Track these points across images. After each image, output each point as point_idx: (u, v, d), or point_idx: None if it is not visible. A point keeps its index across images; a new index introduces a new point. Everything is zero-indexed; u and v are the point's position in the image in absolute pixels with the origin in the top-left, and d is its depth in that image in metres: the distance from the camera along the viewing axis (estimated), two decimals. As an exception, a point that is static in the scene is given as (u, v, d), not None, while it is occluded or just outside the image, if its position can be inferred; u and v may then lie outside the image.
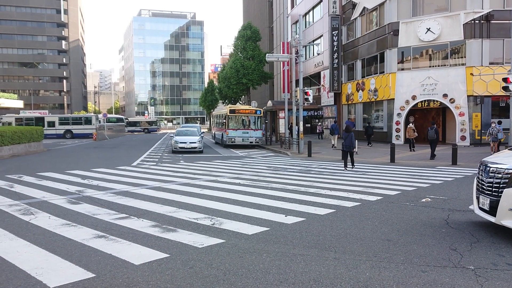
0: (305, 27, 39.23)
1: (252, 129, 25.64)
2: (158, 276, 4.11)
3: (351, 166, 14.11)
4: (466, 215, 6.82)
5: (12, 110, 55.50)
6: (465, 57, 23.80)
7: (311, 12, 38.42)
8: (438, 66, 24.90)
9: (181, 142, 21.56)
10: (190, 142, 21.56)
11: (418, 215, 6.82)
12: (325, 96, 35.57)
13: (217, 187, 10.02)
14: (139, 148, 26.39)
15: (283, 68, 28.95)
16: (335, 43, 32.59)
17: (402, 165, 15.06)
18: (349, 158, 14.21)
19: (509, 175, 5.30)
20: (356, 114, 31.59)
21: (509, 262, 4.55)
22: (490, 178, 5.59)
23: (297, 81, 25.37)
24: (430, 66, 25.20)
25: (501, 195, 5.32)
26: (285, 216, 6.75)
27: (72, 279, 4.03)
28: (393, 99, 26.09)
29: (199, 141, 21.97)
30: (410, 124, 20.29)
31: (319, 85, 36.55)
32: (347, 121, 27.18)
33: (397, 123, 26.05)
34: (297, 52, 24.07)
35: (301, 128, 21.90)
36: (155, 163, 16.36)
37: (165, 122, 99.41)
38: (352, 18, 30.88)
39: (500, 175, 5.42)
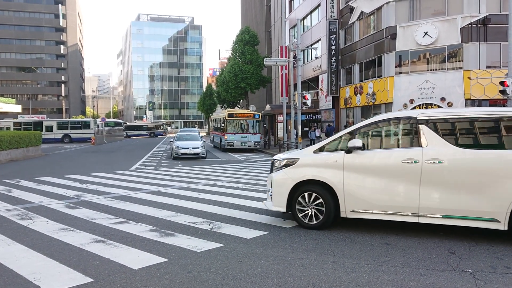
0: (303, 31, 39.36)
1: (250, 133, 25.66)
2: (156, 280, 4.10)
3: None
4: (465, 218, 6.83)
5: (10, 115, 55.48)
6: (462, 60, 23.91)
7: (309, 16, 38.57)
8: (436, 70, 25.00)
9: (182, 148, 20.15)
10: (192, 148, 20.23)
11: (417, 219, 6.82)
12: (323, 100, 35.64)
13: (215, 191, 10.01)
14: (138, 152, 26.36)
15: (281, 72, 29.03)
16: (333, 47, 32.70)
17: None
18: None
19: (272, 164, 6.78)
20: (354, 118, 31.64)
21: (508, 265, 4.56)
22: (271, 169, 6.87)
23: (295, 85, 25.44)
24: (427, 70, 25.30)
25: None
26: (284, 220, 6.74)
27: (70, 284, 4.02)
28: (391, 102, 26.15)
29: (202, 146, 20.73)
30: None
31: (317, 89, 36.64)
32: (332, 126, 27.43)
33: (395, 126, 26.08)
34: (295, 56, 24.17)
35: (299, 132, 21.96)
36: (153, 167, 16.35)
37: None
38: (350, 22, 31.01)
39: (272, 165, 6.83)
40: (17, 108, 56.70)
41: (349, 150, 5.91)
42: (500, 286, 3.94)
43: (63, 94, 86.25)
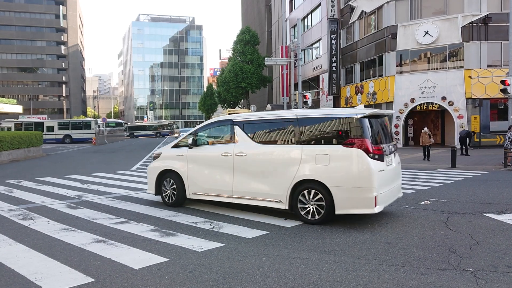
0: (304, 30, 39.35)
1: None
2: (157, 280, 4.10)
3: None
4: (466, 217, 6.83)
5: (11, 115, 55.57)
6: (463, 59, 23.89)
7: (309, 16, 38.56)
8: (437, 69, 24.99)
9: None
10: None
11: (418, 218, 6.82)
12: (324, 100, 35.63)
13: (216, 191, 9.99)
14: (138, 152, 26.37)
15: (282, 71, 29.03)
16: (333, 47, 32.69)
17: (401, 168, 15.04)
18: None
19: None
20: (355, 117, 31.59)
21: (509, 264, 4.55)
22: None
23: (296, 85, 25.44)
24: (428, 69, 25.28)
25: None
26: (285, 219, 6.74)
27: (71, 284, 4.02)
28: (392, 102, 26.14)
29: None
30: (425, 129, 18.12)
31: (318, 89, 36.63)
32: None
33: (396, 126, 26.10)
34: (295, 56, 24.17)
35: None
36: (154, 167, 16.32)
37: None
38: (350, 22, 31.00)
39: None
40: (18, 109, 56.83)
41: (190, 146, 7.54)
42: (501, 285, 3.94)
43: (64, 95, 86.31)
